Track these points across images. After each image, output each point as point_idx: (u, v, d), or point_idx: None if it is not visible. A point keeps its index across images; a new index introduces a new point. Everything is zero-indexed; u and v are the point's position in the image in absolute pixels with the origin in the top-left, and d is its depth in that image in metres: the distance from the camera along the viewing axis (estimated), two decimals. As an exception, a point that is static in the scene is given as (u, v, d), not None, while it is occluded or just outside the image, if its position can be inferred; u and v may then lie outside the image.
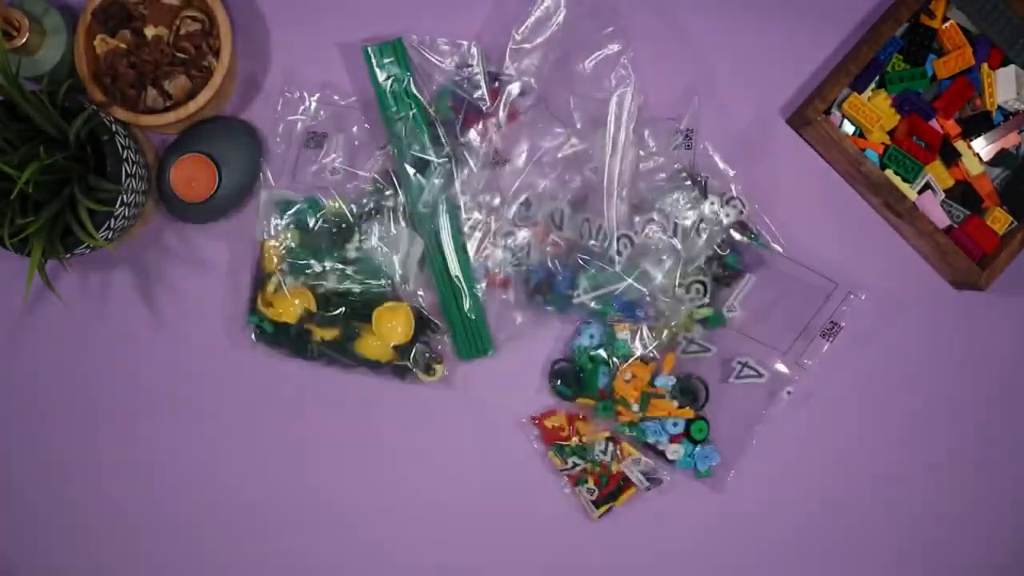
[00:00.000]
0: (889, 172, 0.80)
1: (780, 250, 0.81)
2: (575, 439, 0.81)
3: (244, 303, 0.82)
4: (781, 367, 0.81)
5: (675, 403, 0.80)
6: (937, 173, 0.81)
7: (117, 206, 0.73)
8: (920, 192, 0.81)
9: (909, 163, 0.80)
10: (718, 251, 0.79)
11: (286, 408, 0.82)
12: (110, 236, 0.75)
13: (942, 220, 0.81)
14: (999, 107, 0.82)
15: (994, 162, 0.82)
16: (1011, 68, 0.81)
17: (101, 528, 0.83)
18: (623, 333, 0.79)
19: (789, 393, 0.81)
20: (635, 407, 0.79)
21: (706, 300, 0.79)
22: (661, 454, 0.81)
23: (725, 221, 0.79)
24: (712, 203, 0.79)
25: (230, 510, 0.83)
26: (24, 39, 0.75)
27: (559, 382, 0.81)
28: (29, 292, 0.75)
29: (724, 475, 0.81)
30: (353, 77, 0.83)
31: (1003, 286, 0.81)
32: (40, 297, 0.83)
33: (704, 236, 0.78)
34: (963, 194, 0.82)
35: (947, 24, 0.81)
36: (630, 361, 0.79)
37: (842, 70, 0.80)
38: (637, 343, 0.79)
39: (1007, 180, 0.82)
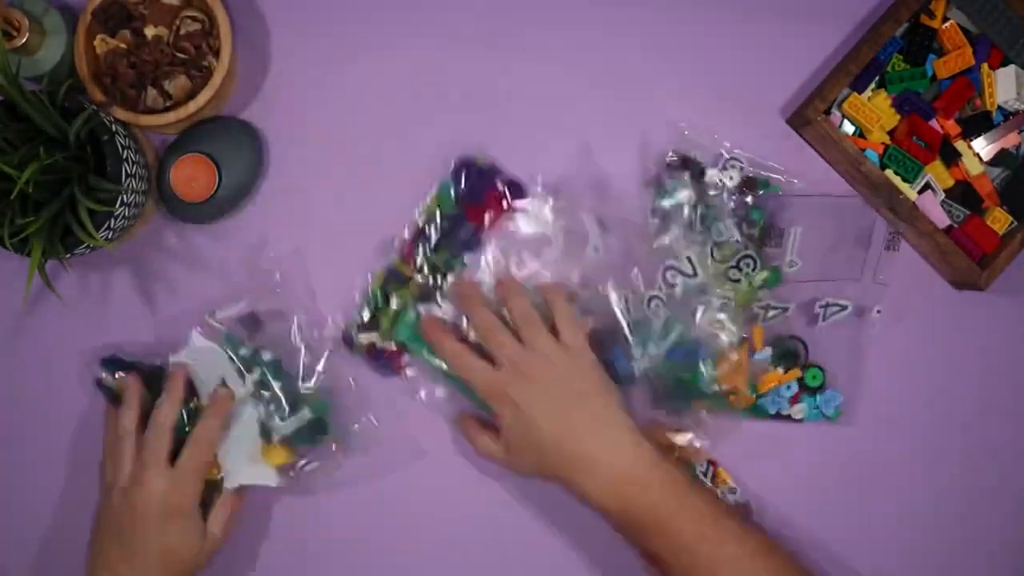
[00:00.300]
0: (889, 172, 0.80)
1: (796, 183, 0.81)
2: (675, 455, 0.79)
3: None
4: (859, 292, 0.80)
5: (780, 370, 0.79)
6: (937, 173, 0.81)
7: (117, 206, 0.73)
8: (920, 192, 0.81)
9: (909, 163, 0.80)
10: (741, 216, 0.78)
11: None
12: (110, 236, 0.75)
13: (942, 220, 0.81)
14: (999, 107, 0.82)
15: (994, 162, 0.82)
16: (1011, 68, 0.81)
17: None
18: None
19: (879, 312, 0.81)
20: (746, 391, 0.79)
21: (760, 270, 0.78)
22: (787, 418, 0.80)
23: (731, 184, 0.79)
24: (712, 176, 0.79)
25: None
26: (24, 39, 0.75)
27: (670, 402, 0.80)
28: (29, 292, 0.75)
29: (853, 411, 0.81)
30: (351, 76, 0.83)
31: (1003, 286, 0.81)
32: (40, 297, 0.83)
33: (726, 220, 0.78)
34: (963, 194, 0.82)
35: (947, 24, 0.81)
36: (723, 354, 0.79)
37: (842, 70, 0.80)
38: (721, 335, 0.79)
39: (1007, 180, 0.82)
